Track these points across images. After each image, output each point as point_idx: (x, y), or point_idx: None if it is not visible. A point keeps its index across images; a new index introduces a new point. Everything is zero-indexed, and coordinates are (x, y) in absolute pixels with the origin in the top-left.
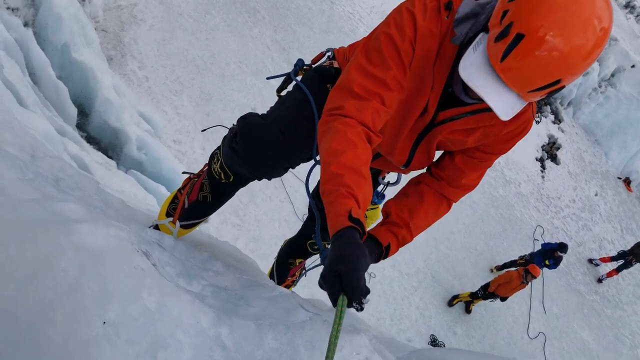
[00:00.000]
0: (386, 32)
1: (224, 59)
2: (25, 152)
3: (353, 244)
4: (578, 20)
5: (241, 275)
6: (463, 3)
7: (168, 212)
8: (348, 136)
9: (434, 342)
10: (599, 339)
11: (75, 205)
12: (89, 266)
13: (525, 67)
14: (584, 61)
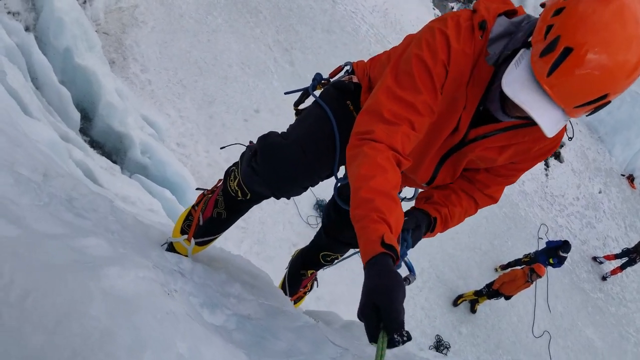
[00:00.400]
0: (418, 55)
1: (226, 61)
2: (38, 172)
3: (388, 272)
4: (622, 37)
5: (262, 301)
6: (497, 22)
7: (182, 229)
8: (378, 161)
9: (439, 342)
10: (603, 337)
11: (97, 240)
12: (121, 313)
13: (573, 82)
14: (629, 77)
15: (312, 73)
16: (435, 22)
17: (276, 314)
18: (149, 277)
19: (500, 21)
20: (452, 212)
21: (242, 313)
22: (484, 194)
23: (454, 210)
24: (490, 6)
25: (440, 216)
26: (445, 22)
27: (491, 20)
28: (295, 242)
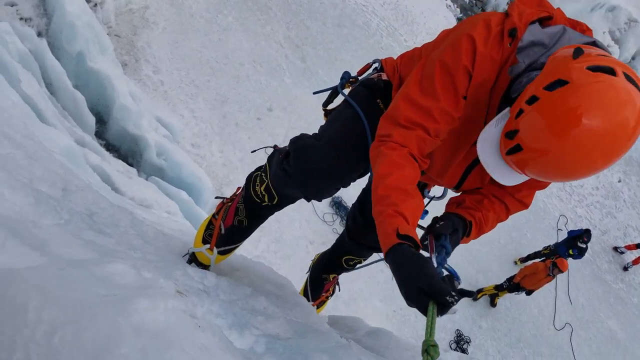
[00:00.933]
0: (442, 60)
1: (237, 59)
2: (57, 186)
3: (408, 257)
4: (573, 162)
5: (289, 315)
6: (528, 30)
7: (204, 238)
8: (394, 159)
9: (460, 337)
10: (626, 328)
11: (123, 267)
12: (152, 350)
13: (523, 168)
14: (572, 176)
15: (323, 69)
16: (467, 24)
17: (305, 332)
18: (178, 308)
19: (532, 29)
20: (485, 216)
21: (270, 332)
22: (515, 199)
23: (487, 214)
24: (524, 11)
25: (475, 221)
26: (475, 25)
27: (522, 28)
28: (312, 239)
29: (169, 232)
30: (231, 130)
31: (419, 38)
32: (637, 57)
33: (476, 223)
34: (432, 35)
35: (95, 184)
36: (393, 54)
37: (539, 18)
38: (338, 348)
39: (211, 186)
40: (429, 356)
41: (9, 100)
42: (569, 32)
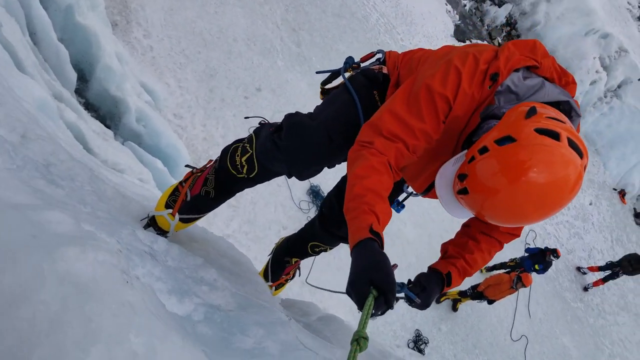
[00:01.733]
0: (428, 85)
1: (231, 35)
2: (16, 132)
3: (376, 252)
4: (511, 214)
5: (238, 289)
6: (510, 78)
7: (167, 203)
8: (373, 164)
9: (418, 337)
10: (579, 346)
11: (62, 215)
12: (73, 300)
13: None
14: (512, 221)
15: (317, 56)
16: (458, 55)
17: (249, 306)
18: (109, 262)
19: (513, 77)
20: (470, 260)
21: (212, 302)
22: (501, 231)
23: (472, 257)
24: (512, 56)
25: (456, 268)
26: (465, 59)
27: (505, 75)
28: (286, 224)
29: (131, 195)
30: (216, 105)
31: (416, 39)
32: (623, 86)
33: (457, 270)
34: (429, 39)
35: (65, 139)
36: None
37: (526, 66)
38: (276, 324)
39: (189, 159)
40: (359, 346)
41: None
42: (546, 87)
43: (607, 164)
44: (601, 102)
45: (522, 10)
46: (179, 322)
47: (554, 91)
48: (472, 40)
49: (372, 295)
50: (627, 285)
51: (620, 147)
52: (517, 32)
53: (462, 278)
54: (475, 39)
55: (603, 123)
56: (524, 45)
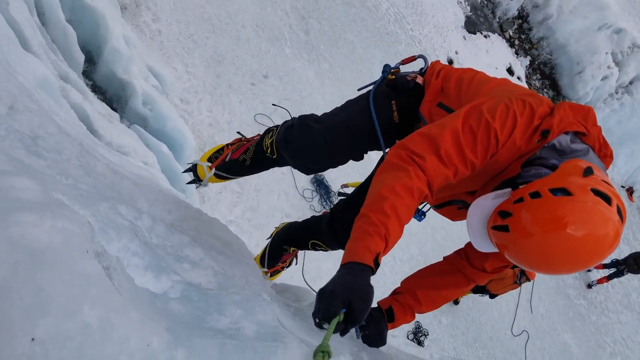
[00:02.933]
0: (488, 123)
1: (240, 21)
2: (3, 103)
3: (368, 285)
4: (543, 263)
5: (222, 270)
6: (559, 137)
7: (210, 158)
8: (412, 187)
9: (418, 329)
10: (580, 343)
11: (30, 182)
12: (24, 268)
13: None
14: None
15: (326, 45)
16: (516, 102)
17: (231, 286)
18: (69, 231)
19: (562, 138)
20: (421, 297)
21: (192, 281)
22: (480, 269)
23: (424, 294)
24: (566, 118)
25: (399, 303)
26: (523, 110)
27: (556, 134)
28: (289, 212)
29: (125, 173)
30: (223, 91)
31: (425, 29)
32: (635, 82)
33: (401, 305)
34: (439, 29)
35: (65, 117)
36: (397, 41)
37: (575, 131)
38: (256, 304)
39: (194, 144)
40: (323, 359)
41: None
42: (590, 156)
43: (616, 161)
44: (612, 98)
45: (535, 2)
46: (147, 298)
47: (595, 162)
48: (482, 32)
49: (339, 317)
50: (631, 284)
51: (629, 144)
52: (529, 25)
53: (410, 314)
54: (486, 31)
55: (613, 119)
56: (579, 110)
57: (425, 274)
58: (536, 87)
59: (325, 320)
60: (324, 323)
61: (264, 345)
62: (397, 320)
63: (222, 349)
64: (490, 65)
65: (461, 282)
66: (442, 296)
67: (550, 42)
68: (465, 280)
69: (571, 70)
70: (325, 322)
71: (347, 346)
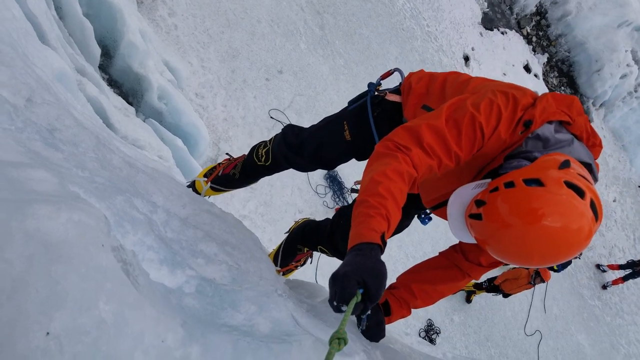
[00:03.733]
0: (473, 115)
1: (255, 16)
2: (21, 95)
3: (380, 261)
4: (521, 254)
5: (236, 265)
6: (542, 127)
7: (206, 174)
8: (403, 171)
9: (430, 326)
10: (594, 344)
11: (46, 174)
12: (39, 261)
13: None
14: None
15: (341, 40)
16: (500, 94)
17: (245, 282)
18: (85, 223)
19: (545, 128)
20: (416, 291)
21: (206, 276)
22: (476, 263)
23: (420, 288)
24: (549, 107)
25: (395, 297)
26: (507, 102)
27: (538, 124)
28: (302, 208)
29: (141, 167)
30: (238, 86)
31: (442, 25)
32: None
33: (396, 299)
34: (456, 26)
35: (82, 111)
36: (413, 37)
37: (559, 120)
38: (271, 301)
39: (209, 138)
40: (339, 346)
41: (8, 12)
42: (574, 145)
43: (634, 160)
44: (630, 97)
45: None
46: (162, 293)
47: (581, 151)
48: (499, 29)
49: (356, 297)
50: None
51: None
52: (547, 22)
53: (406, 308)
54: (503, 28)
55: (632, 119)
56: (562, 99)
57: (421, 269)
58: (554, 84)
59: (343, 301)
60: (342, 305)
61: (278, 343)
62: (393, 315)
63: (237, 345)
64: (507, 62)
65: (457, 276)
66: (437, 291)
67: (569, 39)
68: (461, 274)
69: (589, 68)
70: (343, 304)
71: (361, 344)
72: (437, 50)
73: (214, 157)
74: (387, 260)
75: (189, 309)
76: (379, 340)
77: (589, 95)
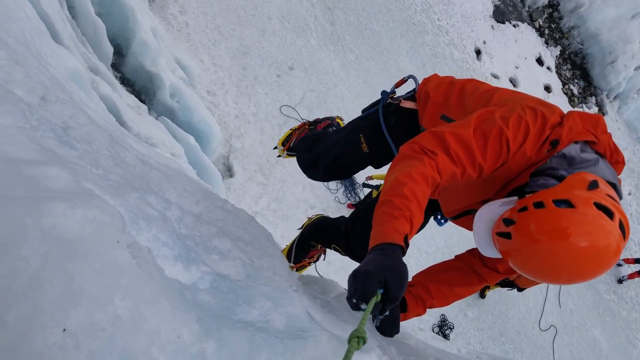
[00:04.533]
0: (501, 129)
1: (266, 13)
2: (35, 94)
3: (402, 263)
4: (545, 273)
5: (250, 261)
6: (569, 147)
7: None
8: (427, 175)
9: (444, 322)
10: (610, 339)
11: (61, 172)
12: (55, 258)
13: None
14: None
15: (352, 36)
16: (529, 110)
17: (259, 277)
18: (100, 220)
19: (571, 148)
20: (433, 290)
21: (221, 272)
22: (493, 269)
23: (436, 288)
24: (575, 127)
25: (412, 295)
26: (535, 119)
27: (565, 143)
28: (313, 204)
29: (154, 164)
30: (249, 83)
31: (453, 19)
32: None
33: (413, 297)
34: (467, 19)
35: (95, 109)
36: (424, 31)
37: (585, 140)
38: (285, 297)
39: (220, 135)
40: (358, 345)
41: (22, 12)
42: (600, 165)
43: None
44: None
45: None
46: (177, 289)
47: (606, 171)
48: (511, 21)
49: (376, 297)
50: None
51: None
52: (560, 14)
53: (422, 306)
54: (515, 21)
55: None
56: (589, 118)
57: (438, 270)
58: (567, 77)
59: (363, 300)
60: (362, 304)
61: (294, 339)
62: (409, 311)
63: (252, 341)
64: (519, 55)
65: (474, 280)
66: (454, 293)
67: (582, 31)
68: (478, 279)
69: (603, 60)
70: (362, 302)
71: (376, 340)
72: (448, 44)
73: (225, 154)
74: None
75: (204, 304)
76: (393, 336)
77: (602, 88)
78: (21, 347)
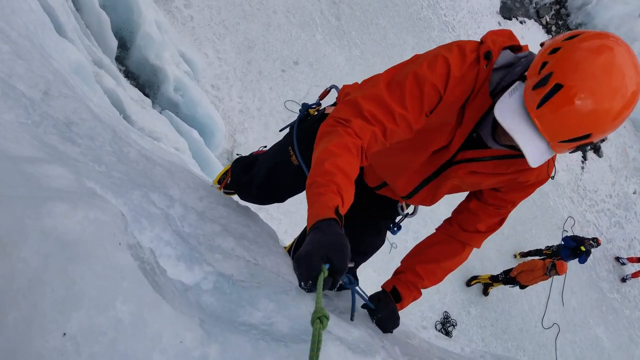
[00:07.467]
0: (415, 73)
1: (271, 6)
2: (38, 88)
3: (339, 234)
4: (608, 87)
5: (253, 260)
6: (501, 54)
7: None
8: (347, 144)
9: (447, 319)
10: (613, 338)
11: (63, 170)
12: (56, 260)
13: (560, 118)
14: (613, 121)
15: (357, 30)
16: (442, 48)
17: (263, 278)
18: (101, 221)
19: (504, 54)
20: (421, 272)
21: (224, 272)
22: (473, 231)
23: (423, 268)
24: (497, 39)
25: (401, 282)
26: (450, 49)
27: (496, 52)
28: None
29: (157, 160)
30: (254, 77)
31: (459, 15)
32: None
33: (404, 284)
34: (474, 15)
35: (99, 103)
36: (430, 27)
37: (511, 46)
38: (289, 298)
39: (224, 130)
40: (322, 325)
41: (26, 5)
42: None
43: None
44: None
45: None
46: (180, 291)
47: None
48: (517, 18)
49: (323, 273)
50: None
51: None
52: (567, 11)
53: (416, 291)
54: (522, 17)
55: None
56: (502, 32)
57: (422, 248)
58: None
59: (310, 279)
60: (309, 282)
61: (298, 342)
62: (404, 300)
63: (256, 345)
64: None
65: (457, 249)
66: (442, 267)
67: (589, 28)
68: (461, 246)
69: None
70: (311, 281)
71: (380, 340)
72: None
73: (229, 149)
74: (403, 251)
75: (207, 306)
76: (393, 330)
77: None
78: (20, 350)
